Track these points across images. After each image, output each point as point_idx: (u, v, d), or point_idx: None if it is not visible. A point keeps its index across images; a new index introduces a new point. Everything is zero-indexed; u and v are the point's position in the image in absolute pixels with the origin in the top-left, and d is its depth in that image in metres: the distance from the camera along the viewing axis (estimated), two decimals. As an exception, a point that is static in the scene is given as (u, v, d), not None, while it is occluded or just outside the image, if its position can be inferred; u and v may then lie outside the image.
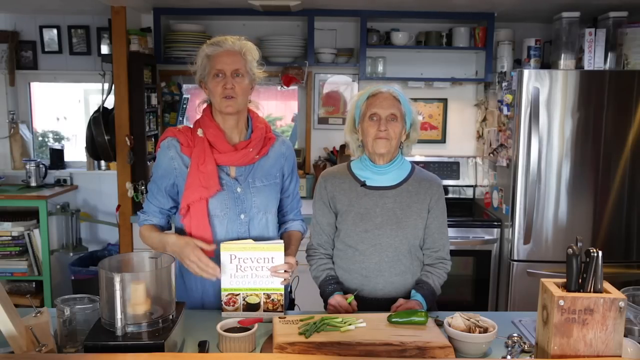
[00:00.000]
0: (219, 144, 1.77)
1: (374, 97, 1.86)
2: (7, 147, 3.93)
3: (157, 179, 1.83)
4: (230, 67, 1.73)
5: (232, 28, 3.71)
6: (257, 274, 1.71)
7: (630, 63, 3.20)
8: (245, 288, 1.72)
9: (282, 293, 1.74)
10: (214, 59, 1.74)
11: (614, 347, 1.29)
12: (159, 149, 1.84)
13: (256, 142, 1.81)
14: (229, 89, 1.73)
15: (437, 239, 1.94)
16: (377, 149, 1.86)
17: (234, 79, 1.74)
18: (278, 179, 1.89)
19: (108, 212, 3.92)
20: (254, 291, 1.72)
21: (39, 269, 3.53)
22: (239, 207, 1.80)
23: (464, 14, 3.54)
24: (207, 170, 1.74)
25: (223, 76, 1.73)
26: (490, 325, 1.53)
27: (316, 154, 3.89)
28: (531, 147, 3.05)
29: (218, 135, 1.78)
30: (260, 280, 1.72)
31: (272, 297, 1.73)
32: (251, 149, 1.79)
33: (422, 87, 3.75)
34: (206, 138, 1.78)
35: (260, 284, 1.72)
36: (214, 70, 1.73)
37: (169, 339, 1.36)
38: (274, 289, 1.73)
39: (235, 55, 1.74)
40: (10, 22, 3.84)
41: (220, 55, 1.74)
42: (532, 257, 3.17)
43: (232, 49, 1.74)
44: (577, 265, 1.33)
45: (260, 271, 1.71)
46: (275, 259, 1.71)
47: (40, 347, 1.34)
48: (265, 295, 1.73)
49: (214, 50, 1.74)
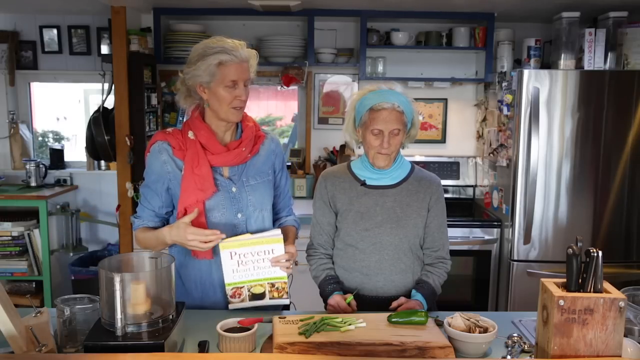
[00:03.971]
0: (211, 146, 1.77)
1: (377, 112, 1.82)
2: (7, 147, 3.93)
3: (150, 183, 1.81)
4: (243, 77, 1.73)
5: (232, 28, 3.71)
6: (259, 266, 1.72)
7: (630, 63, 3.20)
8: (248, 280, 1.73)
9: (285, 281, 1.75)
10: (227, 68, 1.70)
11: (614, 347, 1.29)
12: (148, 153, 1.81)
13: (248, 141, 1.82)
14: (242, 100, 1.74)
15: (437, 238, 1.94)
16: (377, 162, 1.88)
17: (244, 89, 1.74)
18: (270, 175, 1.89)
19: (108, 212, 3.93)
20: (258, 282, 1.73)
21: (39, 269, 3.53)
22: (235, 207, 1.80)
23: (464, 14, 3.54)
24: (202, 173, 1.74)
25: (235, 86, 1.72)
26: (490, 325, 1.53)
27: (316, 154, 3.89)
28: (531, 147, 3.05)
29: (210, 137, 1.78)
30: (262, 271, 1.72)
31: (276, 285, 1.74)
32: (244, 148, 1.80)
33: (422, 87, 3.75)
34: (198, 140, 1.77)
35: (263, 274, 1.72)
36: (227, 81, 1.70)
37: (169, 339, 1.36)
38: (277, 277, 1.73)
39: (245, 65, 1.74)
40: (10, 22, 3.84)
41: (235, 66, 1.70)
42: (532, 257, 3.17)
43: (244, 59, 1.73)
44: (577, 265, 1.33)
45: (261, 263, 1.72)
46: (276, 251, 1.72)
47: (40, 347, 1.34)
48: (270, 284, 1.73)
49: (228, 60, 1.69)
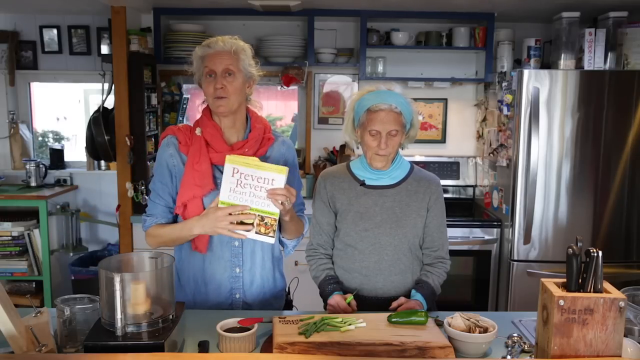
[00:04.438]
0: (215, 143, 1.77)
1: (375, 113, 1.83)
2: (7, 147, 3.93)
3: (160, 177, 1.82)
4: (220, 66, 1.73)
5: (232, 28, 3.71)
6: (255, 194, 1.65)
7: (630, 63, 3.20)
8: (258, 210, 1.66)
9: (276, 218, 1.67)
10: (205, 59, 1.75)
11: (614, 347, 1.29)
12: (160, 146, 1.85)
13: (253, 142, 1.80)
14: (219, 89, 1.73)
15: (436, 238, 1.94)
16: (374, 163, 1.88)
17: (225, 78, 1.73)
18: None
19: (108, 212, 3.93)
20: (256, 211, 1.66)
21: (39, 269, 3.53)
22: None
23: (464, 14, 3.54)
24: (201, 169, 1.74)
25: (214, 76, 1.73)
26: (490, 325, 1.53)
27: (316, 154, 3.89)
28: (531, 147, 3.05)
29: (215, 135, 1.78)
30: (257, 200, 1.65)
31: (265, 220, 1.66)
32: (247, 149, 1.78)
33: (422, 87, 3.75)
34: (203, 137, 1.78)
35: (256, 204, 1.65)
36: (206, 70, 1.74)
37: (169, 339, 1.36)
38: (269, 212, 1.66)
39: (225, 54, 1.74)
40: (10, 22, 3.84)
41: (211, 56, 1.74)
42: (532, 257, 3.17)
43: (222, 49, 1.74)
44: (577, 265, 1.33)
45: (258, 191, 1.65)
46: (276, 182, 1.64)
47: (40, 347, 1.34)
48: (259, 217, 1.66)
49: (205, 52, 1.75)
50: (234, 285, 1.84)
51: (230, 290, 1.84)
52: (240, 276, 1.83)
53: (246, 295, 1.85)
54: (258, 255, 1.85)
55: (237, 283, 1.84)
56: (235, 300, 1.85)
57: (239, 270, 1.83)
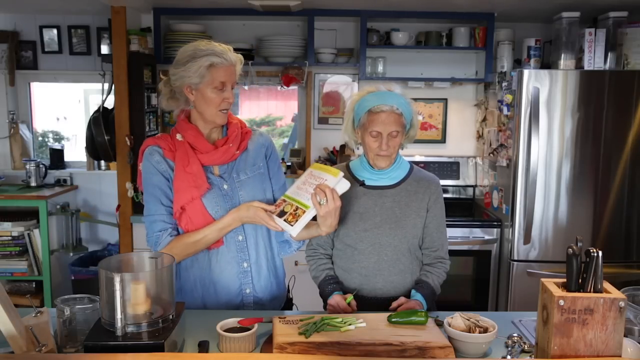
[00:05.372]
0: (199, 145, 1.79)
1: (376, 114, 1.83)
2: (7, 147, 3.94)
3: (156, 184, 1.79)
4: (231, 80, 1.75)
5: (232, 28, 3.71)
6: (307, 190, 1.71)
7: (630, 63, 3.20)
8: (297, 200, 1.71)
9: (305, 210, 1.67)
10: (217, 70, 1.72)
11: (614, 347, 1.29)
12: (141, 162, 1.83)
13: (234, 137, 1.83)
14: (229, 103, 1.76)
15: (436, 238, 1.94)
16: (378, 163, 1.89)
17: (231, 91, 1.77)
18: (262, 168, 1.88)
19: (108, 212, 3.93)
20: (295, 202, 1.71)
21: (39, 269, 3.53)
22: (228, 204, 1.80)
23: (464, 14, 3.54)
24: (193, 171, 1.75)
25: (223, 89, 1.74)
26: (490, 325, 1.53)
27: (316, 154, 3.89)
28: (531, 147, 3.05)
29: (197, 136, 1.79)
30: (305, 194, 1.71)
31: (297, 211, 1.69)
32: (231, 144, 1.81)
33: (422, 87, 3.75)
34: (186, 141, 1.79)
35: (301, 196, 1.71)
36: (217, 83, 1.72)
37: (169, 339, 1.36)
38: (303, 204, 1.69)
39: (233, 68, 1.76)
40: (10, 22, 3.84)
41: (224, 68, 1.73)
42: (532, 257, 3.17)
43: (233, 62, 1.76)
44: (577, 265, 1.33)
45: (310, 188, 1.70)
46: (328, 182, 1.68)
47: (40, 347, 1.34)
48: (294, 206, 1.70)
49: (219, 62, 1.71)
50: (243, 280, 1.84)
51: (240, 286, 1.84)
52: (248, 270, 1.84)
53: (256, 289, 1.86)
54: (261, 245, 1.87)
55: (246, 278, 1.84)
56: (246, 296, 1.85)
57: (247, 265, 1.83)
